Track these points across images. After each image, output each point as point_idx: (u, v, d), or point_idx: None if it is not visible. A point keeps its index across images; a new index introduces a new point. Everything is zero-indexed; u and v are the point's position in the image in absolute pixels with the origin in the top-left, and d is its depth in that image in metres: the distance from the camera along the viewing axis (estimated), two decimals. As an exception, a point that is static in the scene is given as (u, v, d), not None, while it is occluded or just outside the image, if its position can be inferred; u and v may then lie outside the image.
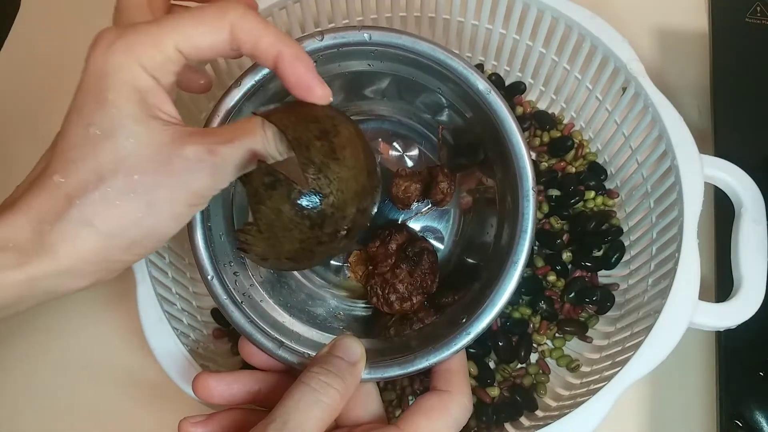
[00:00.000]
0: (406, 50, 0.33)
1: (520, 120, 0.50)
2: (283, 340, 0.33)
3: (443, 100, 0.36)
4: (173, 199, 0.27)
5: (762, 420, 0.40)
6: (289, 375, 0.33)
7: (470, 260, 0.39)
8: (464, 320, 0.32)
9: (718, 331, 0.42)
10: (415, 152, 0.42)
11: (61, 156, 0.26)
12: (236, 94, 0.32)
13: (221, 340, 0.43)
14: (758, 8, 0.53)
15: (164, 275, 0.41)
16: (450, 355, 0.32)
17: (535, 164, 0.49)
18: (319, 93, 0.29)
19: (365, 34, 0.32)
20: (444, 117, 0.39)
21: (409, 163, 0.42)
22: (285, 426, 0.26)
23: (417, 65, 0.34)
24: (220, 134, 0.28)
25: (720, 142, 0.48)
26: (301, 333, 0.36)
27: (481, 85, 0.33)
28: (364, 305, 0.41)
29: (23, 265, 0.25)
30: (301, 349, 0.33)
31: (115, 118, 0.26)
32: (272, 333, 0.33)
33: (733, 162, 0.40)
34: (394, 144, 0.42)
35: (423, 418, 0.30)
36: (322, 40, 0.33)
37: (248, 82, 0.32)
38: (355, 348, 0.31)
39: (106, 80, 0.26)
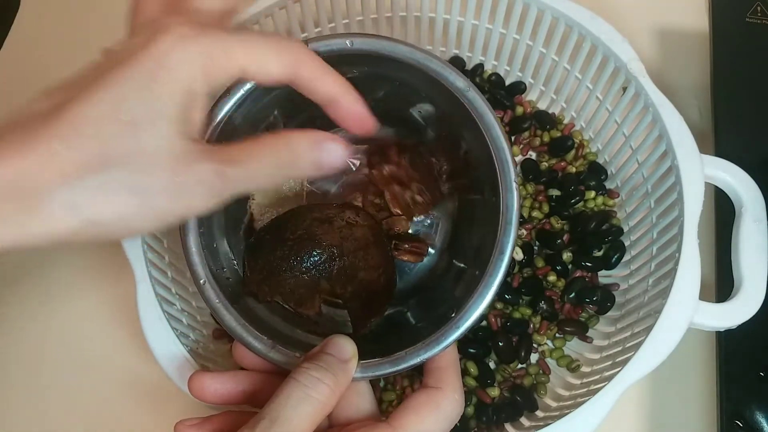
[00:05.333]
0: (387, 54, 0.33)
1: (521, 120, 0.50)
2: (275, 342, 0.33)
3: (429, 103, 0.37)
4: (167, 209, 0.26)
5: (762, 420, 0.40)
6: (283, 376, 0.33)
7: (460, 264, 0.39)
8: (453, 315, 0.32)
9: (719, 331, 0.41)
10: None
11: (72, 124, 0.24)
12: (226, 104, 0.32)
13: (221, 340, 0.43)
14: (758, 8, 0.53)
15: (164, 275, 0.40)
16: (440, 351, 0.32)
17: (536, 163, 0.49)
18: (372, 125, 0.31)
19: (347, 41, 0.33)
20: (433, 123, 0.39)
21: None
22: (274, 423, 0.26)
23: (399, 68, 0.34)
24: (231, 161, 0.28)
25: (720, 142, 0.48)
26: (292, 335, 0.36)
27: (461, 83, 0.33)
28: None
29: None
30: (292, 351, 0.33)
31: (153, 112, 0.25)
32: (264, 335, 0.33)
33: (733, 162, 0.40)
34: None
35: (413, 414, 0.30)
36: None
37: (238, 92, 0.32)
38: (347, 346, 0.31)
39: (163, 70, 0.25)
